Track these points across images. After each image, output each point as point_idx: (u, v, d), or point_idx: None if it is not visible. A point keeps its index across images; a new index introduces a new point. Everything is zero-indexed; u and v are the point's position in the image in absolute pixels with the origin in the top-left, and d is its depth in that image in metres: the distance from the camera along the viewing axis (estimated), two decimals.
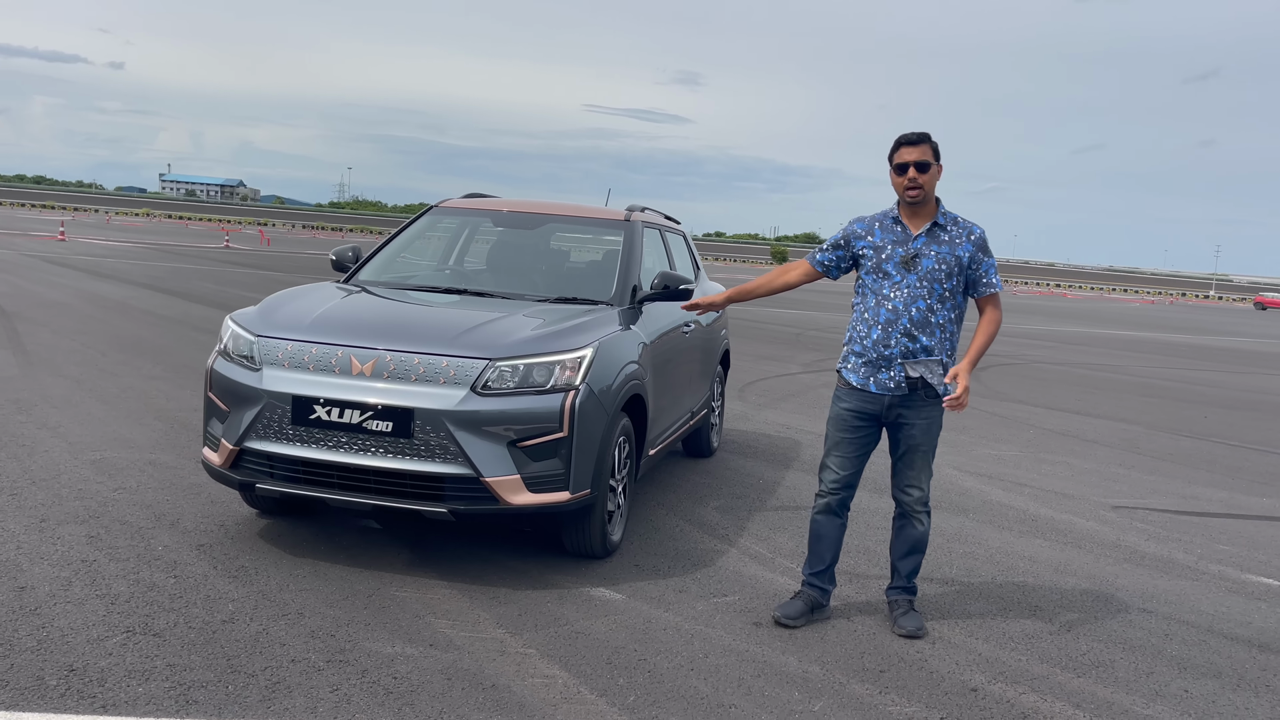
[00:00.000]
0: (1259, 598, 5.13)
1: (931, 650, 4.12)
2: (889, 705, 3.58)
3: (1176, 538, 6.18)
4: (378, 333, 4.52)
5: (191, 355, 10.49)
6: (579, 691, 3.51)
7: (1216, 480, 8.11)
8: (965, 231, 4.17)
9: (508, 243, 6.27)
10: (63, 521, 4.87)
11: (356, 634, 3.84)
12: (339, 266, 5.89)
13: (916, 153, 4.09)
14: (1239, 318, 54.07)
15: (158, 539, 4.73)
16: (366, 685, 3.43)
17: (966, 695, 3.71)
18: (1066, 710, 3.64)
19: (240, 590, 4.19)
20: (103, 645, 3.58)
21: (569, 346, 4.53)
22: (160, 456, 6.25)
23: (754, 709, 3.47)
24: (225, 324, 4.86)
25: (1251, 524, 6.74)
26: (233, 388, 4.54)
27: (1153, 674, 4.05)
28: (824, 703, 3.56)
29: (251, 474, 4.49)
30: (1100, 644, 4.33)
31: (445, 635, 3.89)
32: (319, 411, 4.31)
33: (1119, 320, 38.12)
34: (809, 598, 4.36)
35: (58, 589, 4.05)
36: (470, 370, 4.33)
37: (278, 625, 3.87)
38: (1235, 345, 27.72)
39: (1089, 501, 6.97)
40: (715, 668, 3.79)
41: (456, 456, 4.25)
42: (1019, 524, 6.22)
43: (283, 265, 29.68)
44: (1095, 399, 12.79)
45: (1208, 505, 7.20)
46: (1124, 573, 5.36)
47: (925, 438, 4.24)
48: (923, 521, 4.33)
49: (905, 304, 4.12)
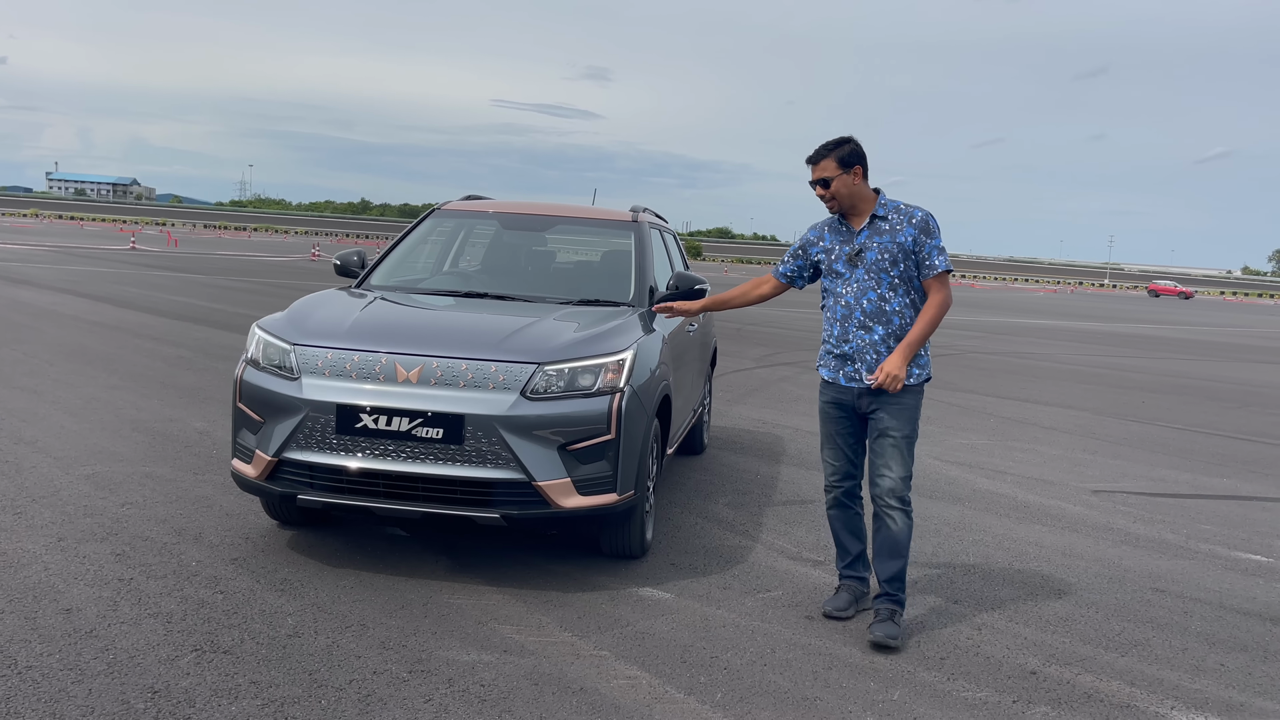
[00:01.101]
0: (1254, 574, 5.41)
1: (980, 636, 4.26)
2: (961, 691, 3.70)
3: (1160, 519, 6.47)
4: (421, 339, 4.48)
5: (144, 363, 10.18)
6: (666, 691, 3.55)
7: (1175, 463, 8.49)
8: (906, 217, 4.21)
9: (519, 245, 6.24)
10: (82, 540, 4.72)
11: (427, 643, 3.81)
12: (345, 271, 5.80)
13: (817, 171, 4.24)
14: (1137, 305, 56.32)
15: (188, 554, 4.62)
16: (457, 694, 3.41)
17: (1028, 678, 3.86)
18: (1124, 689, 3.81)
19: (292, 603, 4.12)
20: (176, 665, 3.49)
21: (612, 349, 4.56)
22: (155, 469, 6.07)
23: (838, 701, 3.56)
24: (253, 333, 4.75)
25: (1221, 504, 7.09)
26: (268, 398, 4.45)
27: (1187, 650, 4.26)
28: (901, 691, 3.66)
29: (291, 485, 4.41)
30: (1130, 624, 4.52)
31: (515, 640, 3.89)
32: (365, 420, 4.26)
33: (1030, 309, 39.38)
34: (852, 588, 4.46)
35: (106, 609, 3.93)
36: (520, 375, 4.32)
37: (345, 637, 3.82)
38: (1144, 332, 28.91)
39: (1068, 487, 7.24)
40: (785, 662, 3.86)
41: (508, 461, 4.24)
42: (1014, 510, 6.44)
43: (199, 267, 28.84)
44: (1038, 387, 13.23)
45: (1176, 487, 7.54)
46: (1125, 555, 5.60)
47: (895, 423, 4.18)
48: (895, 520, 4.20)
49: (856, 297, 4.23)
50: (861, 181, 4.24)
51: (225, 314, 15.75)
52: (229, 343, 12.28)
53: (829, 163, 4.22)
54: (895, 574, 4.22)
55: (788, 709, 3.47)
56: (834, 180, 4.20)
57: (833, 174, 4.21)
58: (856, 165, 4.21)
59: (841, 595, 4.43)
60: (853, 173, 4.21)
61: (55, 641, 3.62)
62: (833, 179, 4.20)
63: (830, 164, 4.21)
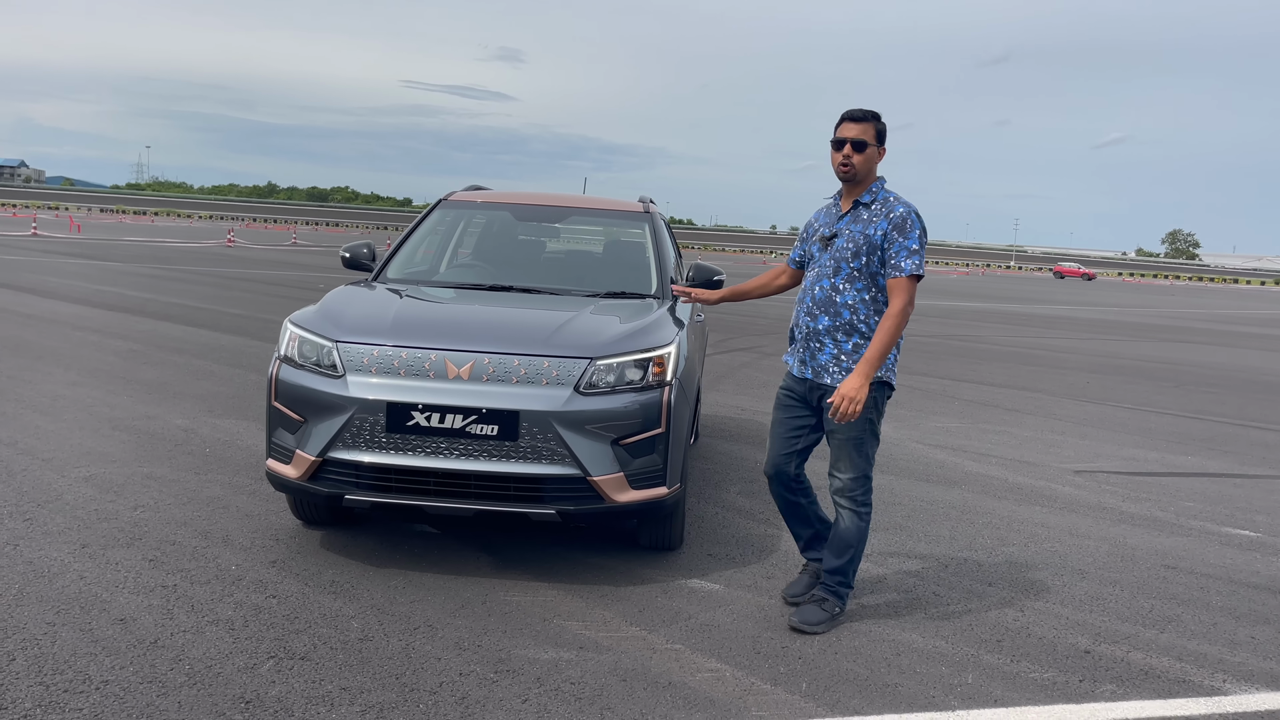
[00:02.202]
0: (1249, 549, 5.67)
1: (1026, 617, 4.39)
2: (1030, 672, 3.82)
3: (1145, 498, 6.73)
4: (469, 335, 4.42)
5: (97, 358, 9.81)
6: (752, 683, 3.58)
7: (1139, 442, 8.83)
8: (885, 210, 4.02)
9: (535, 236, 6.18)
10: (107, 546, 4.56)
11: (500, 642, 3.79)
12: (356, 264, 5.68)
13: (857, 129, 4.02)
14: (1045, 286, 58.10)
15: (223, 558, 4.49)
16: (551, 692, 3.40)
17: (1083, 657, 3.99)
18: (1175, 665, 3.98)
19: (350, 606, 4.04)
20: (257, 673, 3.41)
21: (658, 343, 4.56)
22: (153, 470, 5.88)
23: (918, 686, 3.64)
24: (287, 329, 4.62)
25: (1195, 481, 7.40)
26: (310, 396, 4.35)
27: (1216, 625, 4.45)
28: (973, 675, 3.76)
29: (337, 485, 4.31)
30: (1156, 600, 4.71)
31: (587, 636, 3.89)
32: (417, 418, 4.19)
33: (950, 292, 40.32)
34: (813, 569, 4.42)
35: (161, 618, 3.81)
36: (573, 370, 4.30)
37: (417, 639, 3.77)
38: (1062, 313, 29.87)
39: (1051, 468, 7.48)
40: (854, 650, 3.93)
41: (564, 457, 4.22)
42: (1009, 493, 6.63)
43: (113, 254, 27.81)
44: (987, 369, 13.60)
45: (1149, 465, 7.85)
46: (1127, 533, 5.82)
47: (841, 426, 4.04)
48: (843, 518, 4.14)
49: (813, 282, 4.13)
50: (878, 162, 4.12)
51: (162, 305, 15.24)
52: (177, 335, 11.91)
53: (870, 128, 4.04)
54: (836, 568, 4.18)
55: (874, 696, 3.54)
56: (868, 147, 4.03)
57: (870, 140, 4.03)
58: (883, 146, 4.10)
59: (803, 578, 4.42)
60: (881, 149, 4.10)
61: (122, 654, 3.50)
62: (868, 145, 4.03)
63: (871, 130, 4.04)
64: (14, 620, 3.71)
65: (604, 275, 5.75)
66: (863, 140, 4.02)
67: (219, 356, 10.42)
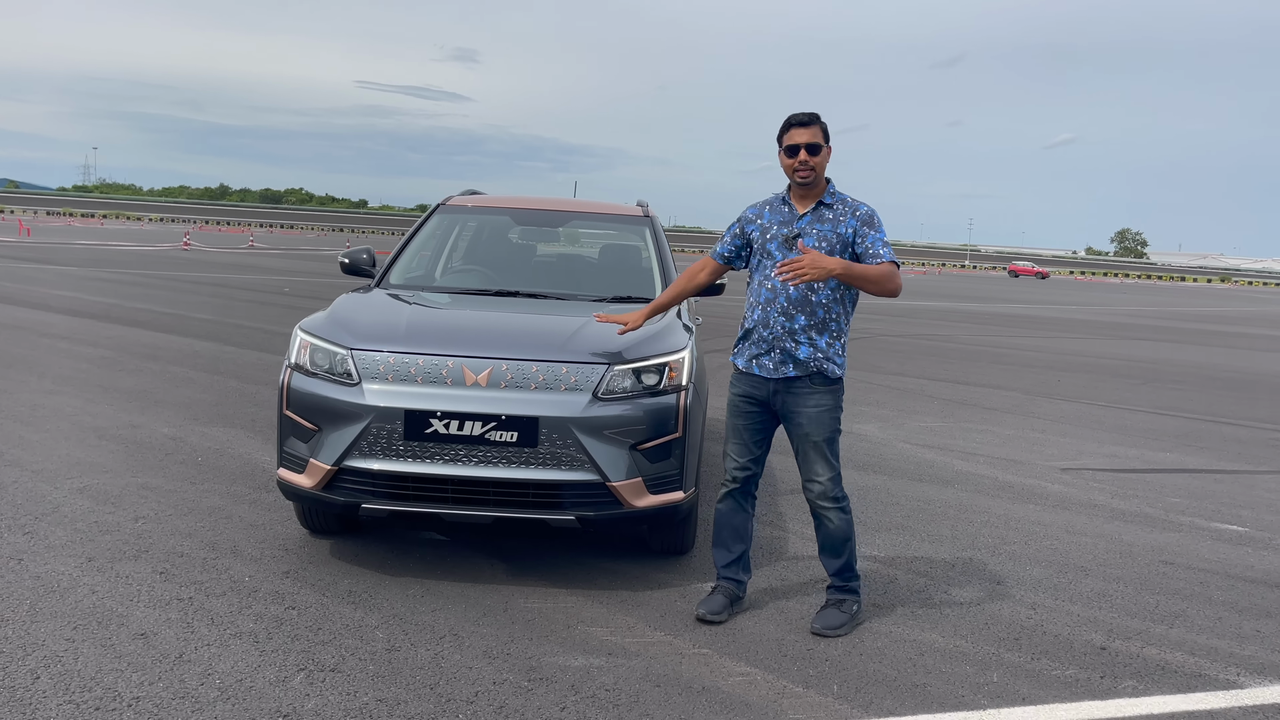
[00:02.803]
0: (1239, 543, 5.79)
1: (1038, 615, 4.46)
2: (1053, 670, 3.88)
3: (1133, 494, 6.85)
4: (486, 341, 4.40)
5: (70, 365, 9.63)
6: (785, 686, 3.60)
7: (1117, 439, 8.99)
8: (850, 209, 4.08)
9: (536, 241, 6.16)
10: (114, 559, 4.48)
11: (529, 649, 3.77)
12: (355, 270, 5.63)
13: (807, 134, 4.02)
14: (1001, 285, 58.88)
15: (235, 569, 4.43)
16: (587, 700, 3.40)
17: (1100, 654, 4.06)
18: (1189, 660, 4.06)
19: (372, 616, 4.01)
20: (289, 686, 3.37)
21: (672, 348, 4.57)
22: (147, 480, 5.79)
23: (946, 686, 3.68)
24: (297, 337, 4.57)
25: (1177, 477, 7.55)
26: (324, 404, 4.30)
27: (1221, 619, 4.55)
28: (997, 673, 3.81)
29: (353, 494, 4.27)
30: (1160, 596, 4.80)
31: (614, 642, 3.88)
32: (435, 425, 4.16)
33: (911, 291, 40.66)
34: (728, 590, 4.28)
35: (182, 632, 3.75)
36: (591, 376, 4.30)
37: (445, 648, 3.74)
38: (1021, 311, 30.29)
39: (1038, 466, 7.60)
40: (878, 651, 3.97)
41: (583, 463, 4.22)
42: (1002, 491, 6.72)
43: (67, 258, 27.26)
44: (959, 368, 13.76)
45: (1130, 462, 8.00)
46: (1120, 530, 5.93)
47: (814, 427, 4.08)
48: (832, 519, 4.15)
49: (784, 283, 4.03)
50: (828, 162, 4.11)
51: (126, 310, 14.98)
52: (148, 341, 11.72)
53: (818, 130, 4.04)
54: (841, 567, 4.22)
55: (906, 697, 3.57)
56: (822, 149, 4.03)
57: (822, 141, 4.04)
58: (830, 146, 4.10)
59: (717, 597, 4.24)
60: (829, 148, 4.09)
61: (148, 669, 3.44)
62: (822, 146, 4.04)
63: (820, 131, 4.04)
64: (31, 636, 3.64)
65: (607, 280, 5.74)
66: (815, 143, 4.03)
67: (195, 363, 10.27)
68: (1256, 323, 32.15)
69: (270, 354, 11.20)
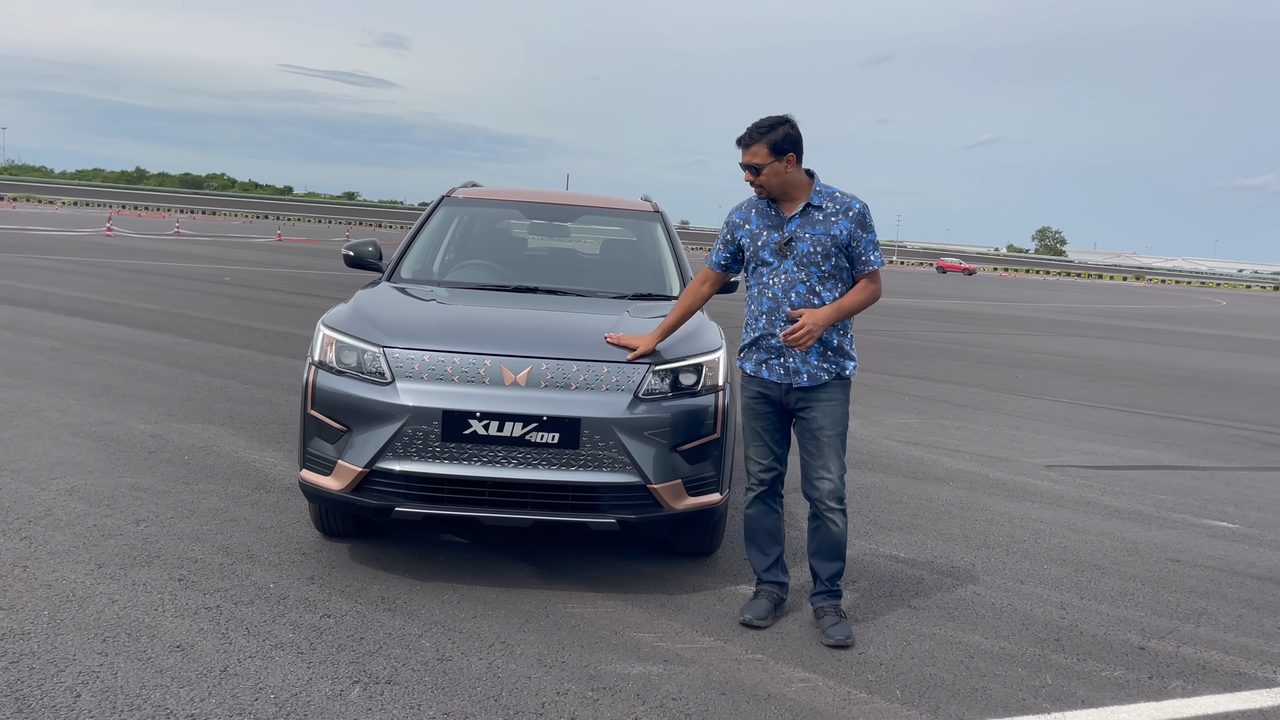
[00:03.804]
0: (1234, 540, 5.93)
1: (1069, 615, 4.49)
2: (1101, 671, 3.90)
3: (1121, 491, 6.98)
4: (524, 340, 4.28)
5: (18, 358, 9.22)
6: (849, 692, 3.56)
7: (1091, 435, 9.16)
8: (843, 208, 4.01)
9: (548, 236, 6.03)
10: (126, 565, 4.27)
11: (582, 657, 3.68)
12: (361, 263, 5.46)
13: (748, 155, 3.99)
14: (931, 281, 59.89)
15: (255, 575, 4.25)
16: (655, 710, 3.32)
17: (1140, 654, 4.10)
18: (1225, 658, 4.12)
19: (413, 624, 3.87)
20: (347, 700, 3.23)
21: (709, 347, 4.51)
22: (137, 480, 5.54)
23: (1003, 688, 3.68)
24: (320, 333, 4.40)
25: (1157, 474, 7.71)
26: (354, 404, 4.14)
27: (1242, 617, 4.64)
28: (1050, 676, 3.82)
29: (386, 497, 4.12)
30: (1177, 594, 4.88)
31: (665, 648, 3.81)
32: (475, 426, 4.04)
33: None
34: (771, 594, 4.23)
35: (219, 643, 3.58)
36: (633, 376, 4.21)
37: (498, 658, 3.63)
38: (959, 308, 30.84)
39: (1023, 463, 7.69)
40: (928, 654, 3.95)
41: (625, 465, 4.13)
42: (996, 488, 6.79)
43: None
44: (920, 365, 13.92)
45: (1109, 459, 8.15)
46: (1120, 527, 6.02)
47: (828, 421, 4.05)
48: (837, 522, 4.08)
49: (785, 289, 4.01)
50: (795, 169, 4.00)
51: (65, 299, 14.40)
52: (97, 332, 11.28)
53: (760, 148, 3.95)
54: (837, 571, 4.16)
55: (970, 701, 3.56)
56: (765, 168, 3.96)
57: (764, 161, 3.94)
58: (790, 152, 3.96)
59: (761, 602, 4.19)
60: (785, 160, 3.96)
61: (195, 683, 3.27)
62: (764, 166, 3.95)
63: (762, 150, 3.95)
64: (60, 651, 3.44)
65: (624, 276, 5.64)
66: (757, 164, 3.97)
67: (153, 356, 9.90)
68: (1181, 320, 33.19)
69: (229, 347, 10.86)
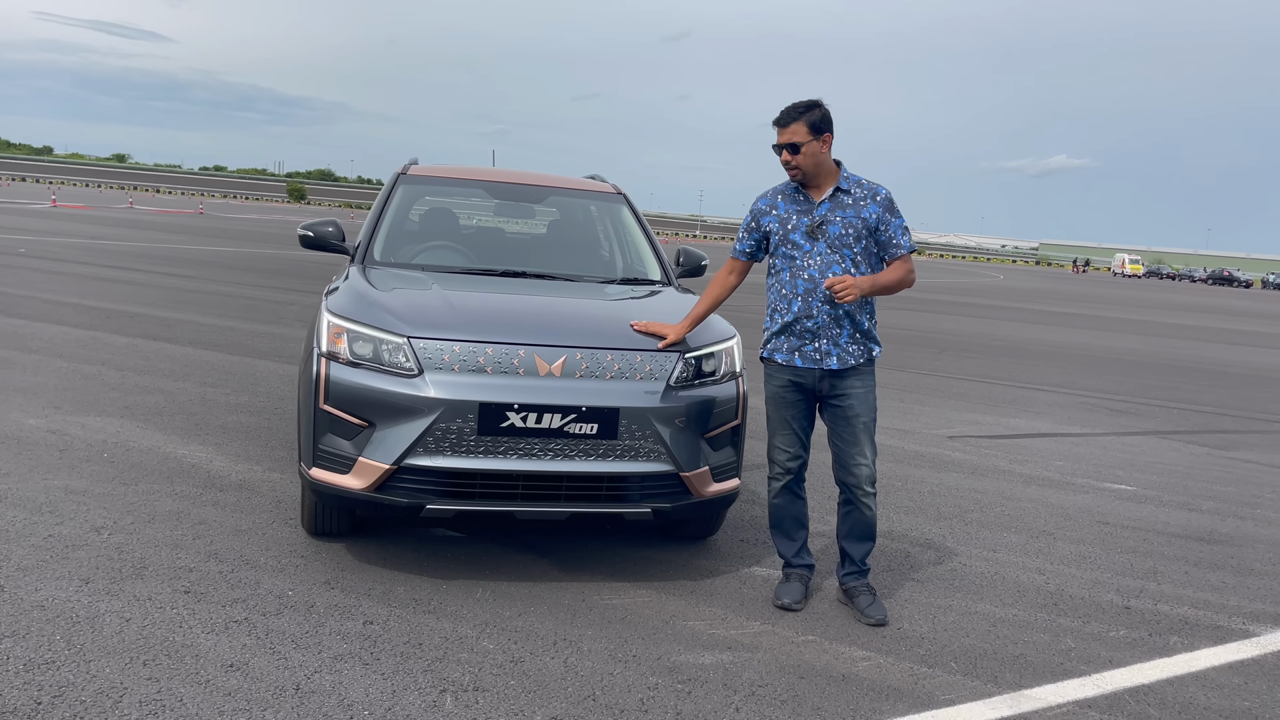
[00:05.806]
0: (1140, 502, 6.45)
1: (1051, 580, 4.80)
2: (1109, 632, 4.20)
3: (1024, 459, 7.48)
4: (554, 329, 4.16)
5: None
6: (911, 668, 3.69)
7: (969, 406, 9.74)
8: (870, 193, 4.11)
9: (518, 217, 5.84)
10: (119, 579, 3.90)
11: (648, 650, 3.65)
12: (322, 245, 5.15)
13: (786, 134, 4.05)
14: None
15: (265, 583, 3.97)
16: (749, 698, 3.34)
17: (1128, 613, 4.44)
18: (1198, 613, 4.51)
19: (463, 627, 3.73)
20: (442, 710, 3.10)
21: (725, 335, 4.54)
22: (66, 482, 5.05)
23: (1041, 655, 3.90)
24: (327, 322, 4.13)
25: (1043, 441, 8.30)
26: (378, 398, 3.92)
27: (1189, 573, 5.07)
28: (1070, 639, 4.08)
29: (415, 495, 3.93)
30: (1126, 555, 5.28)
31: (722, 636, 3.83)
32: (513, 418, 3.90)
33: None
34: (803, 577, 4.31)
35: (273, 660, 3.34)
36: (665, 364, 4.18)
37: (569, 656, 3.55)
38: None
39: (927, 435, 8.10)
40: (958, 626, 4.13)
41: (660, 454, 4.10)
42: (916, 460, 7.13)
43: None
44: None
45: (995, 428, 8.70)
46: (1043, 493, 6.45)
47: (864, 407, 4.15)
48: (870, 506, 4.18)
49: (821, 271, 4.07)
50: (828, 151, 4.08)
51: None
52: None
53: (800, 127, 4.02)
54: (868, 551, 4.28)
55: (1022, 669, 3.76)
56: (804, 146, 4.02)
57: (803, 139, 4.01)
58: (827, 133, 4.05)
59: (795, 585, 4.27)
60: (822, 140, 4.04)
61: (279, 705, 3.05)
62: (803, 145, 4.02)
63: (801, 128, 4.02)
64: (103, 679, 3.11)
65: (607, 259, 5.56)
66: (797, 142, 4.04)
67: (17, 343, 8.96)
68: (974, 293, 35.61)
69: (71, 328, 9.95)
